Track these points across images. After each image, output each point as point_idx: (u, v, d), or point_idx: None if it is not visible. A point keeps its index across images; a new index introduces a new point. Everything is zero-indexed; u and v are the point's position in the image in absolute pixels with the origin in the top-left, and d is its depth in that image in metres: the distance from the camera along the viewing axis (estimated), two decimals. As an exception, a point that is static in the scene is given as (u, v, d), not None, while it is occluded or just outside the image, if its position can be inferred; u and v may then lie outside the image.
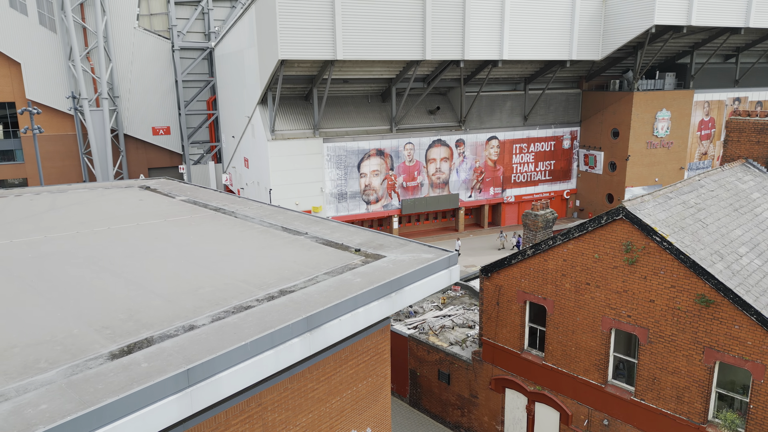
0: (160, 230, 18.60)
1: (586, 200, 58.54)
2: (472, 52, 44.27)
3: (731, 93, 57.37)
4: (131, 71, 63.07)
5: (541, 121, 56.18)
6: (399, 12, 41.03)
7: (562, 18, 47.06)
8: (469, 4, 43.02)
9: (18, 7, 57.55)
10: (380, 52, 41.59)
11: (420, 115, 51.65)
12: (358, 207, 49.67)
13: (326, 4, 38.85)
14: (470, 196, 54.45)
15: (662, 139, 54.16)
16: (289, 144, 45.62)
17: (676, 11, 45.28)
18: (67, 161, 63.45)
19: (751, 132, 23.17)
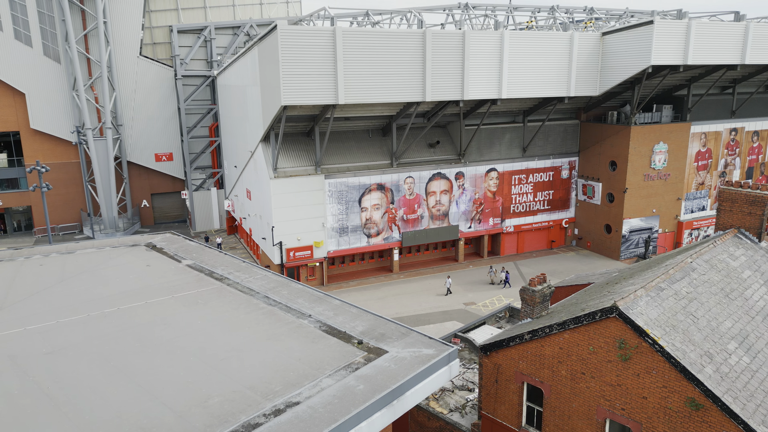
0: (168, 312, 19.12)
1: (584, 229, 59.13)
2: (471, 93, 44.92)
3: (728, 124, 58.01)
4: (134, 99, 63.81)
5: (540, 152, 56.82)
6: (400, 56, 41.68)
7: (560, 56, 47.71)
8: (469, 46, 43.67)
9: (23, 38, 58.34)
10: (381, 95, 42.24)
11: (420, 148, 52.29)
12: (359, 240, 50.26)
13: (328, 50, 39.50)
14: (470, 227, 55.04)
15: (659, 171, 54.78)
16: (292, 181, 46.24)
17: (672, 51, 45.94)
18: (70, 188, 64.17)
19: (743, 203, 23.78)
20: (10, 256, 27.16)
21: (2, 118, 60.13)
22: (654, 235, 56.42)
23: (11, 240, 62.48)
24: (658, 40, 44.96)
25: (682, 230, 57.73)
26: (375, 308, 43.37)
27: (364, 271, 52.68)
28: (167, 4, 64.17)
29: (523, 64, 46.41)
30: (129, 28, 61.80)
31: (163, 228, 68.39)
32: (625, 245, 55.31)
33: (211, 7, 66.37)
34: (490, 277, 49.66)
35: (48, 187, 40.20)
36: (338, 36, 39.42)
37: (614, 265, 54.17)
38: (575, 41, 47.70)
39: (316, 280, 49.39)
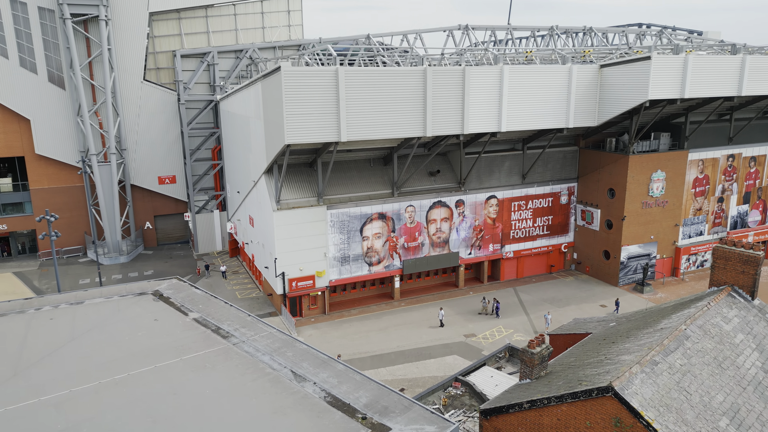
0: (177, 379, 19.70)
1: (583, 254, 59.73)
2: (471, 127, 45.58)
3: (725, 150, 58.67)
4: (138, 123, 64.51)
5: (539, 179, 57.46)
6: (401, 93, 42.34)
7: (559, 88, 48.36)
8: (469, 81, 44.33)
9: (28, 65, 59.07)
10: (382, 131, 42.92)
11: (421, 177, 52.93)
12: (361, 269, 50.88)
13: (330, 89, 40.17)
14: (470, 253, 55.65)
15: (657, 199, 55.40)
16: (294, 213, 46.88)
17: (670, 85, 46.62)
18: (74, 212, 64.83)
19: (736, 262, 24.38)
20: (20, 307, 27.83)
21: (7, 144, 60.81)
22: (652, 261, 57.03)
23: (16, 263, 63.06)
24: (656, 75, 45.64)
25: (680, 256, 58.34)
26: (377, 340, 44.02)
27: (365, 298, 53.28)
28: (170, 29, 64.86)
29: (522, 97, 47.07)
30: (133, 53, 62.52)
31: (166, 249, 69.08)
32: (624, 271, 55.91)
33: (213, 32, 67.06)
34: (483, 306, 50.12)
35: (57, 235, 40.59)
36: (340, 76, 40.10)
37: (613, 291, 54.80)
38: (574, 74, 48.37)
39: (318, 309, 50.00)
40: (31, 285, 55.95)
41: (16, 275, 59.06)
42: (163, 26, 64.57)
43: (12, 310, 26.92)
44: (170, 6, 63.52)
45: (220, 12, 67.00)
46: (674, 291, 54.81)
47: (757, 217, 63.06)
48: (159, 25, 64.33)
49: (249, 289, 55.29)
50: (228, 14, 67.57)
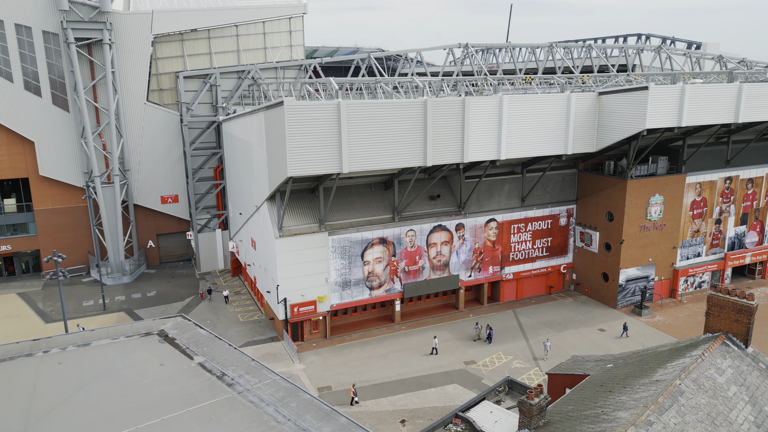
0: (184, 436, 20.24)
1: (582, 275, 60.27)
2: (471, 155, 46.14)
3: (723, 173, 59.24)
4: (141, 144, 65.12)
5: (538, 201, 58.02)
6: (401, 124, 42.91)
7: (557, 116, 48.93)
8: (468, 111, 44.89)
9: (32, 89, 59.74)
10: (383, 162, 43.50)
11: (421, 201, 53.48)
12: (362, 293, 51.44)
13: (332, 122, 40.76)
14: (470, 275, 56.20)
15: (655, 222, 55.96)
16: (296, 240, 47.46)
17: (667, 114, 47.21)
18: (78, 231, 65.45)
19: (730, 310, 24.89)
20: (29, 350, 28.38)
21: (12, 165, 61.45)
22: (650, 284, 57.55)
23: (20, 283, 63.61)
24: (653, 104, 46.22)
25: (678, 277, 58.88)
26: (378, 368, 44.55)
27: (366, 321, 53.83)
28: (173, 51, 65.52)
29: (521, 126, 47.63)
30: (136, 75, 63.15)
31: (168, 267, 69.62)
32: (622, 294, 56.45)
33: (216, 53, 67.71)
34: (476, 332, 50.53)
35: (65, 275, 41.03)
36: (342, 109, 40.68)
37: (611, 314, 55.32)
38: (572, 102, 48.94)
39: (320, 333, 50.53)
40: (36, 307, 56.47)
41: (20, 296, 59.60)
42: (166, 48, 65.23)
43: (21, 353, 27.50)
44: (173, 29, 64.18)
45: (222, 33, 67.66)
46: (672, 314, 55.33)
47: (755, 238, 63.59)
48: (162, 47, 64.97)
49: (251, 311, 55.83)
50: (230, 35, 68.23)
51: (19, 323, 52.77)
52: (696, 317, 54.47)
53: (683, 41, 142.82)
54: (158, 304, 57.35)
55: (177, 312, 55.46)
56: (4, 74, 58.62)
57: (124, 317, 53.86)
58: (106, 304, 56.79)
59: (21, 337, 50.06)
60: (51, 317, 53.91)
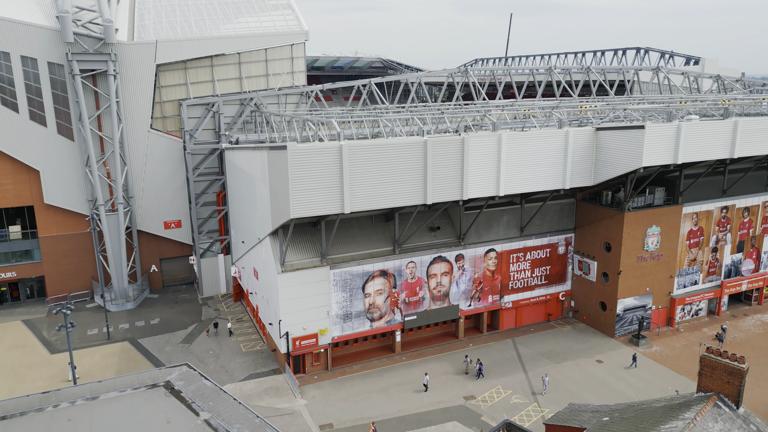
0: None
1: (580, 302, 60.98)
2: (470, 192, 46.91)
3: (719, 202, 60.00)
4: (145, 171, 65.93)
5: (537, 231, 58.76)
6: (402, 164, 43.69)
7: (556, 152, 49.71)
8: (468, 149, 45.66)
9: (38, 119, 60.61)
10: (384, 201, 44.28)
11: (422, 233, 54.20)
12: (363, 325, 52.16)
13: (334, 164, 41.54)
14: (470, 305, 56.93)
15: (652, 252, 56.70)
16: (298, 274, 48.18)
17: (663, 152, 48.01)
18: (82, 257, 66.21)
19: (722, 371, 25.60)
20: (39, 404, 29.19)
21: (17, 194, 62.23)
22: (647, 313, 58.28)
23: (25, 309, 64.33)
24: (649, 142, 47.03)
25: (674, 306, 59.60)
26: (379, 403, 45.24)
27: (367, 351, 54.53)
28: (177, 79, 66.34)
29: (520, 162, 48.40)
30: (140, 104, 64.00)
31: (171, 291, 70.35)
32: (620, 323, 57.17)
33: (219, 80, 68.55)
34: (465, 365, 51.15)
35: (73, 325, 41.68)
36: (344, 151, 41.47)
37: (609, 343, 56.03)
38: (570, 137, 49.73)
39: (321, 365, 51.23)
40: (41, 336, 57.16)
41: (25, 324, 60.31)
42: (169, 76, 66.05)
43: (31, 408, 28.28)
44: (177, 58, 65.03)
45: (225, 61, 68.51)
46: (669, 344, 56.01)
47: (751, 265, 64.33)
48: (166, 76, 65.80)
49: (254, 340, 56.53)
50: (233, 63, 69.08)
51: (25, 354, 53.47)
52: (692, 347, 55.19)
53: (682, 56, 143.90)
54: (161, 332, 58.04)
55: (180, 341, 56.19)
56: (9, 105, 59.44)
57: (127, 347, 54.54)
58: (110, 333, 57.50)
59: (26, 369, 50.85)
60: (56, 347, 54.62)
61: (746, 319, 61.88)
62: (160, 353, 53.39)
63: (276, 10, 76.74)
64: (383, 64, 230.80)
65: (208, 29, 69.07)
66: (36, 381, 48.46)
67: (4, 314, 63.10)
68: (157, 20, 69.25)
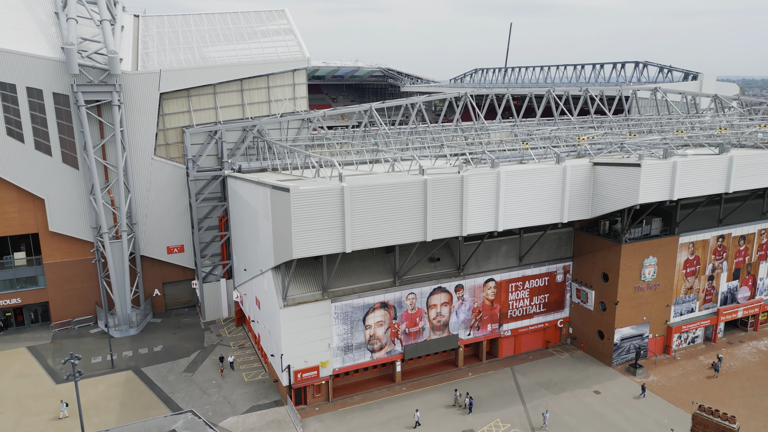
0: None
1: (578, 330, 61.73)
2: (470, 228, 47.75)
3: (715, 232, 60.77)
4: (148, 197, 66.77)
5: (535, 260, 59.54)
6: (402, 203, 44.56)
7: (553, 186, 50.54)
8: (467, 187, 46.51)
9: (43, 148, 61.49)
10: (385, 239, 45.14)
11: (422, 264, 54.97)
12: (363, 356, 52.92)
13: (336, 206, 42.38)
14: (469, 334, 57.70)
15: (649, 283, 57.46)
16: (300, 309, 48.96)
17: (659, 189, 48.87)
18: (86, 283, 67.01)
19: (714, 429, 26.40)
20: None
21: (22, 222, 63.02)
22: (644, 342, 59.02)
23: (29, 334, 65.07)
24: (645, 180, 47.88)
25: (671, 334, 60.35)
26: (379, 438, 45.88)
27: (367, 381, 55.26)
28: (180, 107, 67.19)
29: (518, 197, 49.26)
30: (144, 132, 64.84)
31: (174, 315, 71.12)
32: (617, 352, 57.90)
33: (221, 107, 69.41)
34: (454, 397, 51.83)
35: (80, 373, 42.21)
36: (346, 193, 42.32)
37: (607, 372, 56.76)
38: (568, 173, 50.57)
39: (322, 396, 51.97)
40: (45, 364, 57.86)
41: (29, 350, 61.03)
42: (173, 104, 66.90)
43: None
44: (180, 86, 65.90)
45: (228, 88, 69.40)
46: (666, 373, 56.73)
47: (747, 292, 65.08)
48: (169, 103, 66.65)
49: (256, 369, 57.24)
50: (235, 90, 69.98)
51: (30, 383, 54.18)
52: (688, 377, 55.91)
53: (680, 71, 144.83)
54: (164, 360, 58.77)
55: (183, 370, 56.90)
56: (15, 135, 60.27)
57: (131, 377, 55.24)
58: (114, 361, 58.21)
59: (32, 400, 51.56)
60: (61, 377, 55.30)
61: (742, 347, 62.60)
62: (163, 383, 54.11)
63: (278, 35, 77.69)
64: (383, 73, 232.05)
65: (211, 56, 69.94)
66: (42, 413, 49.15)
67: (9, 340, 63.85)
68: (160, 47, 70.16)
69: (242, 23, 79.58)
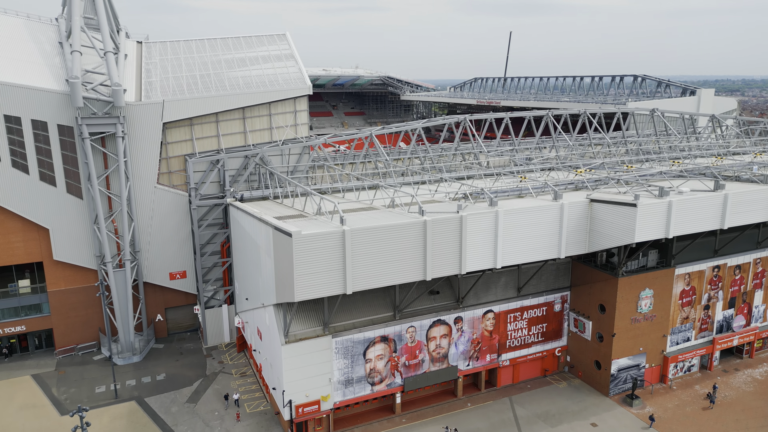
0: None
1: (576, 358, 62.54)
2: (469, 266, 48.51)
3: (711, 262, 61.60)
4: (151, 225, 67.56)
5: (534, 290, 60.36)
6: (402, 244, 45.34)
7: (551, 223, 51.29)
8: (466, 227, 47.28)
9: (47, 179, 62.26)
10: (385, 279, 45.90)
11: (421, 297, 55.76)
12: (364, 389, 53.71)
13: (337, 248, 43.16)
14: (468, 365, 58.49)
15: (645, 314, 58.27)
16: (301, 345, 49.76)
17: (655, 228, 49.66)
18: (90, 310, 67.87)
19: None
20: None
21: (27, 251, 63.81)
22: (641, 372, 59.81)
23: (33, 361, 65.82)
24: (641, 219, 48.66)
25: (668, 364, 61.15)
26: (379, 475, 46.61)
27: (368, 412, 56.01)
28: (183, 135, 67.99)
29: (517, 235, 49.98)
30: (147, 161, 65.63)
31: (176, 340, 71.90)
32: (614, 382, 58.69)
33: (223, 135, 70.22)
34: None
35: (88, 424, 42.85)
36: (347, 236, 43.11)
37: (604, 403, 57.57)
38: (565, 210, 51.34)
39: (323, 429, 52.76)
40: (50, 394, 58.58)
41: (34, 379, 61.76)
42: (175, 133, 67.72)
43: None
44: (183, 116, 66.72)
45: (230, 116, 70.22)
46: (662, 403, 57.53)
47: (742, 321, 65.89)
48: (172, 132, 67.46)
49: (257, 399, 58.00)
50: (237, 118, 70.80)
51: (35, 415, 54.91)
52: (684, 408, 56.71)
53: (678, 85, 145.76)
54: (167, 390, 59.51)
55: (186, 400, 57.65)
56: (20, 167, 61.05)
57: (135, 408, 55.98)
58: (117, 391, 58.95)
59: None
60: (66, 407, 56.02)
61: (737, 375, 63.40)
62: (166, 415, 54.87)
63: (279, 60, 78.54)
64: (383, 81, 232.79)
65: (213, 85, 70.73)
66: (47, 447, 49.95)
67: (14, 367, 64.61)
68: (163, 76, 70.96)
69: (243, 47, 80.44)
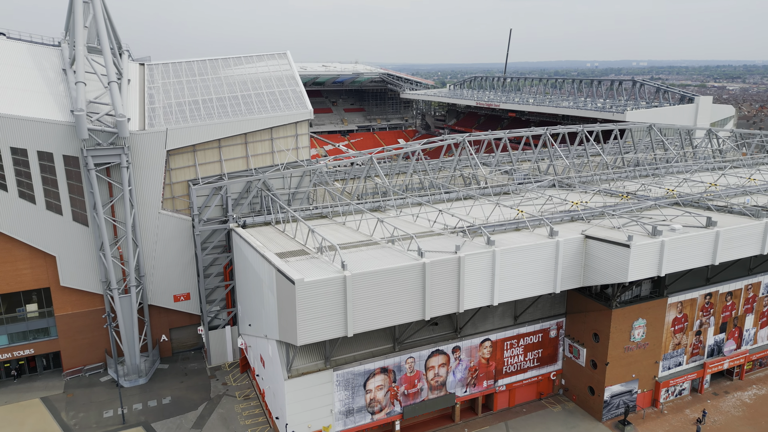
0: None
1: (570, 382, 64.24)
2: (467, 304, 50.01)
3: (703, 290, 63.10)
4: (155, 250, 68.91)
5: (530, 318, 61.90)
6: (402, 286, 46.78)
7: (547, 260, 52.70)
8: (464, 267, 48.69)
9: (53, 208, 63.52)
10: (385, 320, 47.40)
11: (420, 329, 57.23)
12: (364, 419, 55.41)
13: (339, 293, 44.61)
14: (465, 391, 60.18)
15: (638, 343, 59.87)
16: (304, 379, 51.36)
17: (648, 266, 51.09)
18: (96, 332, 69.42)
19: None
20: None
21: (34, 278, 65.22)
22: (633, 397, 61.55)
23: (41, 383, 67.49)
24: (635, 259, 50.07)
25: (659, 389, 62.88)
26: (379, 507, 48.33)
27: (368, 438, 57.90)
28: (186, 161, 69.12)
29: (513, 272, 51.42)
30: (151, 188, 66.84)
31: (180, 360, 73.57)
32: (607, 408, 60.45)
33: (226, 160, 71.36)
34: None
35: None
36: (348, 281, 44.52)
37: (597, 428, 59.35)
38: (561, 246, 52.73)
39: (326, 457, 54.60)
40: (60, 419, 60.25)
41: (43, 402, 63.44)
42: (179, 159, 68.83)
43: None
44: (186, 143, 67.81)
45: (232, 142, 71.30)
46: (653, 428, 59.33)
47: (733, 345, 67.54)
48: (175, 159, 68.58)
49: (261, 424, 59.72)
50: (239, 143, 71.88)
51: (46, 442, 56.68)
52: (675, 435, 58.63)
53: (676, 92, 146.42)
54: (173, 414, 61.21)
55: (191, 426, 59.36)
56: (27, 197, 62.22)
57: (142, 435, 57.81)
58: (125, 416, 60.65)
59: (48, 461, 53.92)
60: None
61: (727, 398, 65.18)
62: (173, 442, 56.64)
63: (280, 82, 79.38)
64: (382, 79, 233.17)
65: (215, 110, 71.69)
66: (58, 477, 51.66)
67: (23, 389, 66.30)
68: (166, 102, 71.88)
69: (244, 66, 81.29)
